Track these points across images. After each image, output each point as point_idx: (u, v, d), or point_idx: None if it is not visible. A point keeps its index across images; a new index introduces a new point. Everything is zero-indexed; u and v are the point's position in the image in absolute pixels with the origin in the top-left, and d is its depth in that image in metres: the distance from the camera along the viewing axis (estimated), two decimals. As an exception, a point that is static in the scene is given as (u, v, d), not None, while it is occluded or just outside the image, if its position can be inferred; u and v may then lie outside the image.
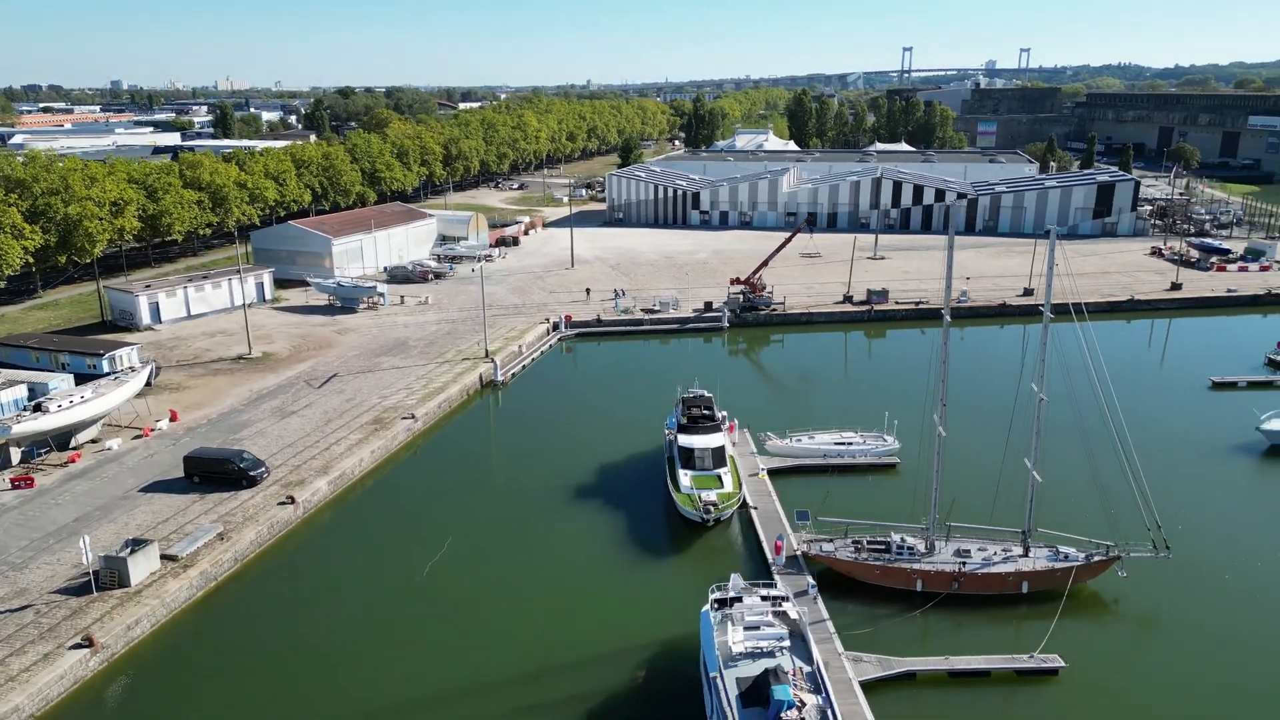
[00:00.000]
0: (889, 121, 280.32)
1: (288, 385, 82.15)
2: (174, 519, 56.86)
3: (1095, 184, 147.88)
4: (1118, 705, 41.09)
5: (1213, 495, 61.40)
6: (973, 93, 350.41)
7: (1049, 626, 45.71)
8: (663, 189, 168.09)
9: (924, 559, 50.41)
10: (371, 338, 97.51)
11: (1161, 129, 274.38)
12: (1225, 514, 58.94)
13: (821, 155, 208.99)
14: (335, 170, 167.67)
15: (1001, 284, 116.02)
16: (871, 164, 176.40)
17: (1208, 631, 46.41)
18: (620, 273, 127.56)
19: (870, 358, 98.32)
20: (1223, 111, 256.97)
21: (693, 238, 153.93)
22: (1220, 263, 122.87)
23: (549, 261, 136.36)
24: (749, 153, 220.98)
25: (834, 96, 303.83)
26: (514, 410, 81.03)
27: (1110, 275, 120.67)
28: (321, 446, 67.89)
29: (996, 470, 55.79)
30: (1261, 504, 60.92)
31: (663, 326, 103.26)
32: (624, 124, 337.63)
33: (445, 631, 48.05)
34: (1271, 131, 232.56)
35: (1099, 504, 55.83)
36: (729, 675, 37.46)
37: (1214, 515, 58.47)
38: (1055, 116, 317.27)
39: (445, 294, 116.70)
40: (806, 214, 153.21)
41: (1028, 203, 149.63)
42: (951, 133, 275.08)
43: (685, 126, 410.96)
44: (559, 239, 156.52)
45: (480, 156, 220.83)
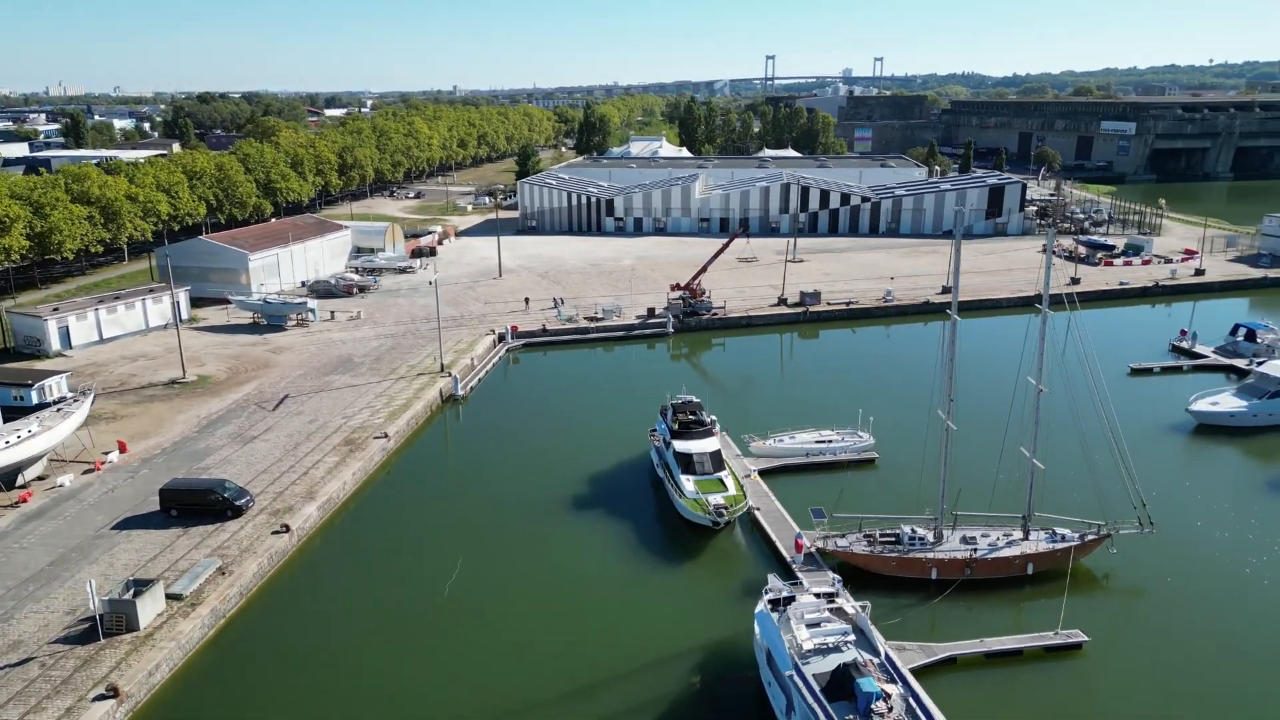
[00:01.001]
0: (775, 128, 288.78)
1: (237, 409, 78.38)
2: (162, 556, 53.64)
3: (987, 186, 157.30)
4: (1142, 674, 44.51)
5: (1162, 473, 66.60)
6: (848, 100, 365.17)
7: (1061, 604, 48.88)
8: (576, 196, 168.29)
9: (935, 548, 52.99)
10: (311, 355, 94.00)
11: (1021, 134, 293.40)
12: (1179, 489, 64.24)
13: (721, 162, 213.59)
14: (230, 181, 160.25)
15: (919, 283, 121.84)
16: (775, 170, 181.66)
17: (1199, 598, 50.70)
18: (551, 281, 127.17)
19: (815, 358, 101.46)
20: (1077, 118, 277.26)
21: (612, 244, 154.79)
22: (1107, 258, 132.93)
23: (474, 272, 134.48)
24: (649, 159, 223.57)
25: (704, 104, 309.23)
26: (480, 424, 79.89)
27: (1013, 272, 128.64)
28: (299, 471, 65.27)
29: (985, 459, 59.15)
30: (1208, 478, 66.57)
31: (609, 334, 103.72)
32: (512, 130, 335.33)
33: (479, 652, 47.24)
34: (1122, 136, 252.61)
35: (1073, 486, 60.17)
36: (807, 672, 38.55)
37: (1169, 491, 63.62)
38: (925, 123, 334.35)
39: (376, 308, 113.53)
40: (741, 220, 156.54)
41: (926, 205, 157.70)
42: (832, 138, 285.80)
43: (570, 133, 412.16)
44: (476, 248, 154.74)
45: (375, 165, 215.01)
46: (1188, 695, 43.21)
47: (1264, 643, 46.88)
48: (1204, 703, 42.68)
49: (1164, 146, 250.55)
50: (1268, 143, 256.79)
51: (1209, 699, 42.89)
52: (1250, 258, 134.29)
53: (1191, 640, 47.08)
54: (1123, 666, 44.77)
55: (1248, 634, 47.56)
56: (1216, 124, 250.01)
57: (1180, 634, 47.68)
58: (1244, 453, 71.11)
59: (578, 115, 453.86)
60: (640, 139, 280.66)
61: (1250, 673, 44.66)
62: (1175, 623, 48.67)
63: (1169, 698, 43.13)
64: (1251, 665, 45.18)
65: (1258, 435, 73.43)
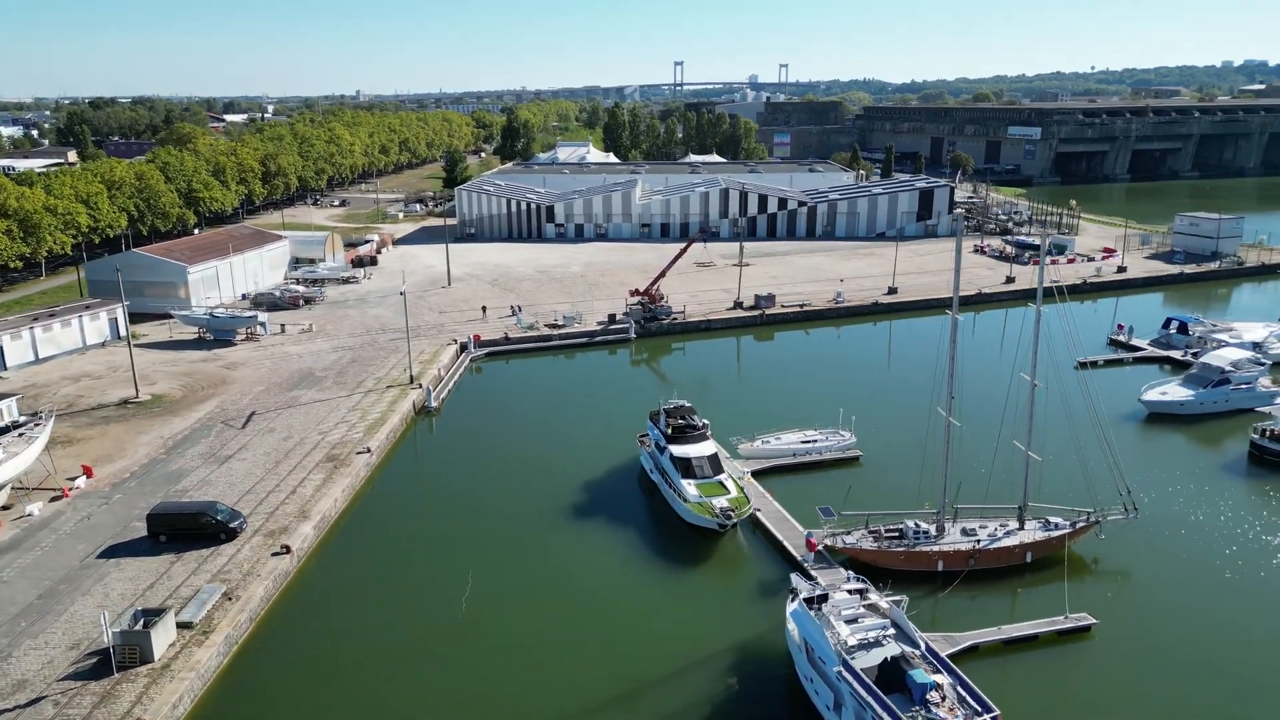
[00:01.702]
0: (698, 134, 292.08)
1: (203, 428, 75.54)
2: (160, 584, 51.47)
3: (917, 190, 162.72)
4: (1151, 652, 47.03)
5: (1126, 459, 70.04)
6: (766, 106, 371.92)
7: (1062, 589, 51.28)
8: (515, 203, 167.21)
9: (938, 541, 54.87)
10: (269, 371, 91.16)
11: (933, 139, 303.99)
12: (1146, 474, 67.79)
13: (652, 168, 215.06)
14: (151, 191, 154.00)
15: (864, 284, 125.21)
16: (712, 176, 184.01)
17: (1189, 577, 53.91)
18: (502, 289, 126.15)
19: (778, 359, 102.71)
20: (986, 123, 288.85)
21: (557, 251, 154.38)
22: (1035, 257, 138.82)
23: (421, 280, 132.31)
24: (580, 165, 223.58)
25: (629, 110, 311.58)
26: (457, 435, 78.83)
27: (950, 273, 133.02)
28: (286, 490, 63.39)
29: (969, 452, 61.50)
30: (1170, 463, 70.34)
31: (571, 341, 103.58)
32: (433, 136, 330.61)
33: (506, 668, 46.83)
34: (1028, 140, 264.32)
35: (1049, 475, 63.05)
36: (856, 667, 39.57)
37: (1137, 476, 67.07)
38: (840, 128, 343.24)
39: (326, 320, 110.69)
40: (700, 226, 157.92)
41: (860, 208, 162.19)
42: (754, 144, 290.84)
43: (489, 139, 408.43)
44: (418, 256, 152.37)
45: (298, 172, 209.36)
46: (1194, 669, 45.89)
47: (1254, 615, 50.06)
48: (1209, 673, 45.37)
49: (1067, 150, 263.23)
50: (1160, 145, 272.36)
51: (1213, 670, 45.61)
52: (1165, 255, 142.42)
53: (1190, 617, 49.97)
54: (1131, 645, 47.25)
55: (1239, 608, 50.71)
56: (1114, 128, 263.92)
57: (1178, 611, 50.53)
58: (1196, 438, 75.52)
59: (497, 120, 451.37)
60: (567, 144, 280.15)
61: (1243, 640, 47.70)
62: (1173, 601, 51.53)
63: (1177, 672, 45.74)
64: (1244, 633, 48.25)
65: (1204, 421, 78.10)
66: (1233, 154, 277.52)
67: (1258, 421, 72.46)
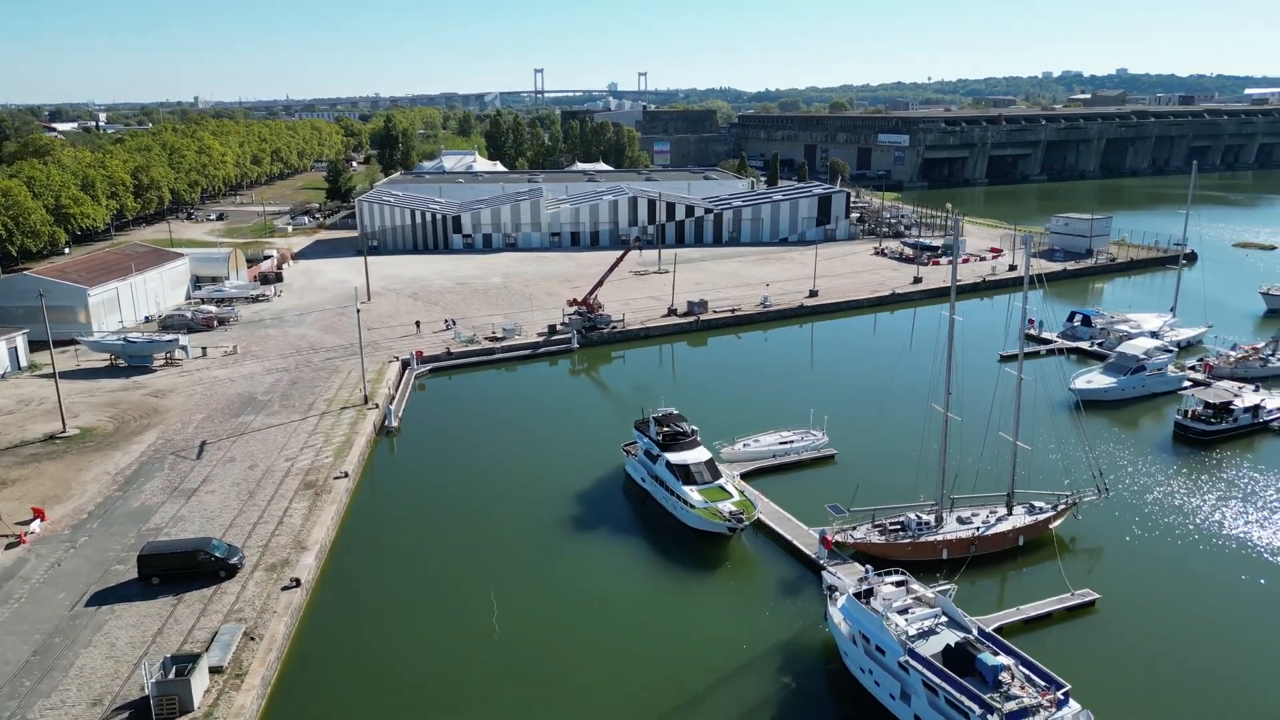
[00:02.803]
0: (582, 142, 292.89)
1: (152, 461, 70.86)
2: (169, 629, 48.26)
3: (816, 196, 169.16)
4: (1153, 620, 51.12)
5: (1068, 445, 75.72)
6: (644, 115, 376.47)
7: (1058, 568, 55.16)
8: (420, 214, 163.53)
9: (939, 531, 57.85)
10: (204, 397, 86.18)
11: (807, 146, 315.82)
12: (1098, 457, 73.35)
13: (549, 176, 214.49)
14: (19, 208, 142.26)
15: (785, 288, 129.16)
16: (615, 184, 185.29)
17: (1168, 551, 58.76)
18: (426, 302, 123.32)
19: (726, 363, 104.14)
20: (857, 131, 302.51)
21: (470, 262, 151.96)
22: (934, 258, 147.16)
23: (335, 296, 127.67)
24: (474, 174, 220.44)
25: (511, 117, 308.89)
26: (426, 454, 76.91)
27: (860, 275, 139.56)
28: (271, 520, 60.41)
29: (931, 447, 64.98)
30: (1104, 446, 76.24)
31: (515, 353, 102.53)
32: (303, 145, 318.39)
33: (554, 685, 46.45)
34: (897, 147, 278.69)
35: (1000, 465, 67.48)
36: (924, 653, 41.50)
37: (1078, 460, 72.59)
38: (717, 136, 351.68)
39: (249, 341, 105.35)
40: (635, 233, 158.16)
41: (764, 214, 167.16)
42: (638, 152, 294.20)
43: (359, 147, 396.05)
44: (323, 271, 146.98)
45: (171, 185, 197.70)
46: (1194, 627, 50.27)
47: (1231, 571, 55.29)
48: (1209, 629, 49.84)
49: (932, 156, 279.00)
50: (1012, 151, 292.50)
51: (1212, 625, 50.16)
52: (1045, 253, 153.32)
53: (1177, 582, 54.76)
54: (1133, 614, 51.29)
55: (1218, 570, 55.99)
56: (973, 136, 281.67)
57: (1165, 579, 55.22)
58: (1123, 422, 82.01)
59: (365, 128, 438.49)
60: (452, 153, 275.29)
61: (1227, 596, 52.69)
62: (1156, 571, 56.22)
63: (1182, 633, 49.90)
64: (1227, 590, 53.30)
65: (1127, 405, 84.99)
66: (1075, 159, 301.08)
67: (1179, 405, 79.62)
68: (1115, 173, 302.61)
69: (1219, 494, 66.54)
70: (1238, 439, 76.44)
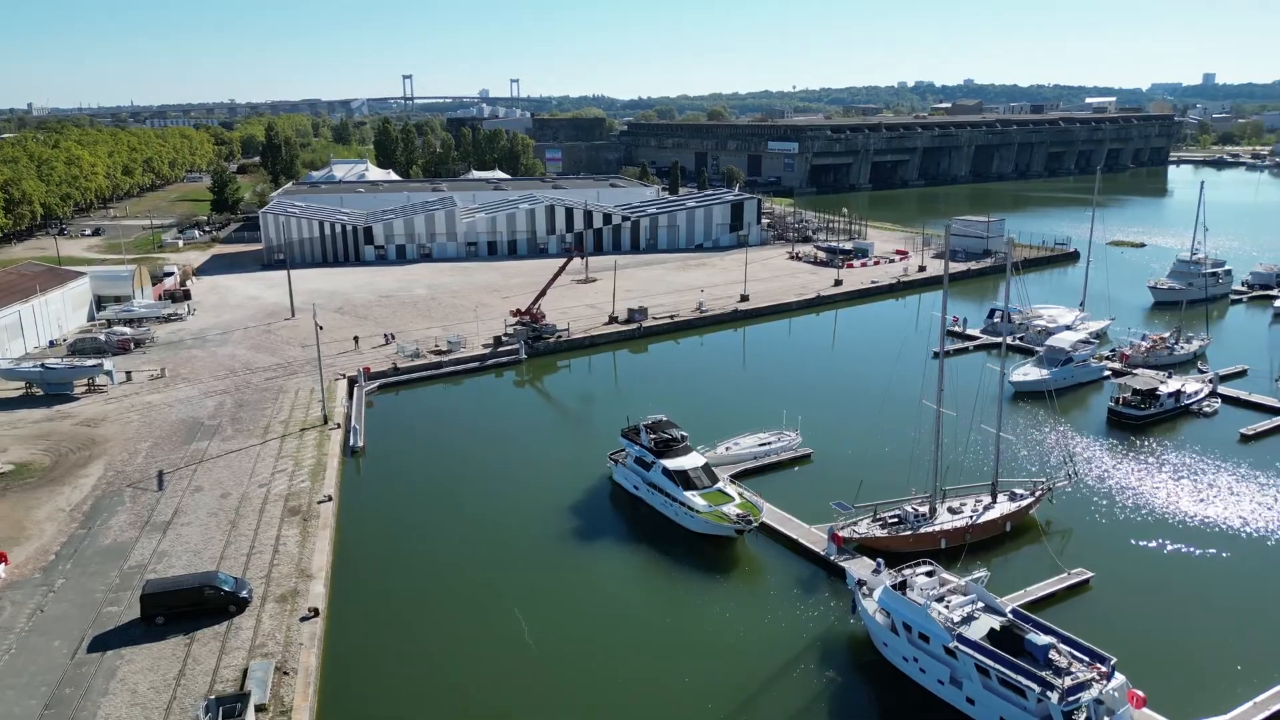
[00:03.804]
0: (475, 150, 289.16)
1: (107, 495, 66.37)
2: (191, 670, 45.53)
3: (729, 203, 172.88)
4: (1144, 592, 55.09)
5: (1017, 434, 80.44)
6: (534, 122, 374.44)
7: (1047, 550, 58.88)
8: (329, 225, 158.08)
9: (934, 521, 60.61)
10: (142, 425, 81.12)
11: (698, 154, 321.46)
12: (1037, 445, 78.21)
13: (453, 185, 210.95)
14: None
15: (714, 294, 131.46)
16: (528, 192, 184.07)
17: (1132, 524, 63.27)
18: (354, 317, 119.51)
19: (677, 367, 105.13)
20: (747, 139, 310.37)
21: (389, 274, 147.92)
22: (848, 261, 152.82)
23: (255, 313, 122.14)
24: (374, 184, 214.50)
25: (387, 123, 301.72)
26: (399, 472, 74.68)
27: (781, 279, 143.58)
28: (264, 549, 57.67)
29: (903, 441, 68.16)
30: (1055, 435, 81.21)
31: (463, 366, 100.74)
32: (174, 155, 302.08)
33: (597, 695, 46.56)
34: (787, 154, 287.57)
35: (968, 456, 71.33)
36: (972, 637, 43.62)
37: (1030, 447, 77.40)
38: (607, 143, 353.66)
39: (174, 364, 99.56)
40: (574, 242, 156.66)
41: (679, 221, 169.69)
42: (532, 159, 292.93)
43: (230, 156, 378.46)
44: (232, 287, 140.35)
45: (42, 198, 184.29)
46: (1183, 595, 54.49)
47: (1197, 548, 60.09)
48: (1197, 594, 54.16)
49: (820, 163, 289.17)
50: (893, 158, 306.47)
51: (1199, 589, 54.52)
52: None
53: (1155, 554, 59.05)
54: (1126, 589, 55.14)
55: (1187, 545, 60.59)
56: (857, 143, 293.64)
57: (1145, 553, 59.44)
58: (1060, 410, 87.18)
59: (234, 135, 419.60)
60: (342, 161, 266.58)
61: (1204, 568, 57.35)
62: (1134, 545, 60.39)
63: (1175, 603, 53.92)
64: (1201, 563, 57.98)
65: (1062, 395, 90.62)
66: (948, 164, 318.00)
67: (1113, 392, 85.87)
68: (984, 177, 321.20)
69: (1166, 473, 72.09)
70: (1164, 422, 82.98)
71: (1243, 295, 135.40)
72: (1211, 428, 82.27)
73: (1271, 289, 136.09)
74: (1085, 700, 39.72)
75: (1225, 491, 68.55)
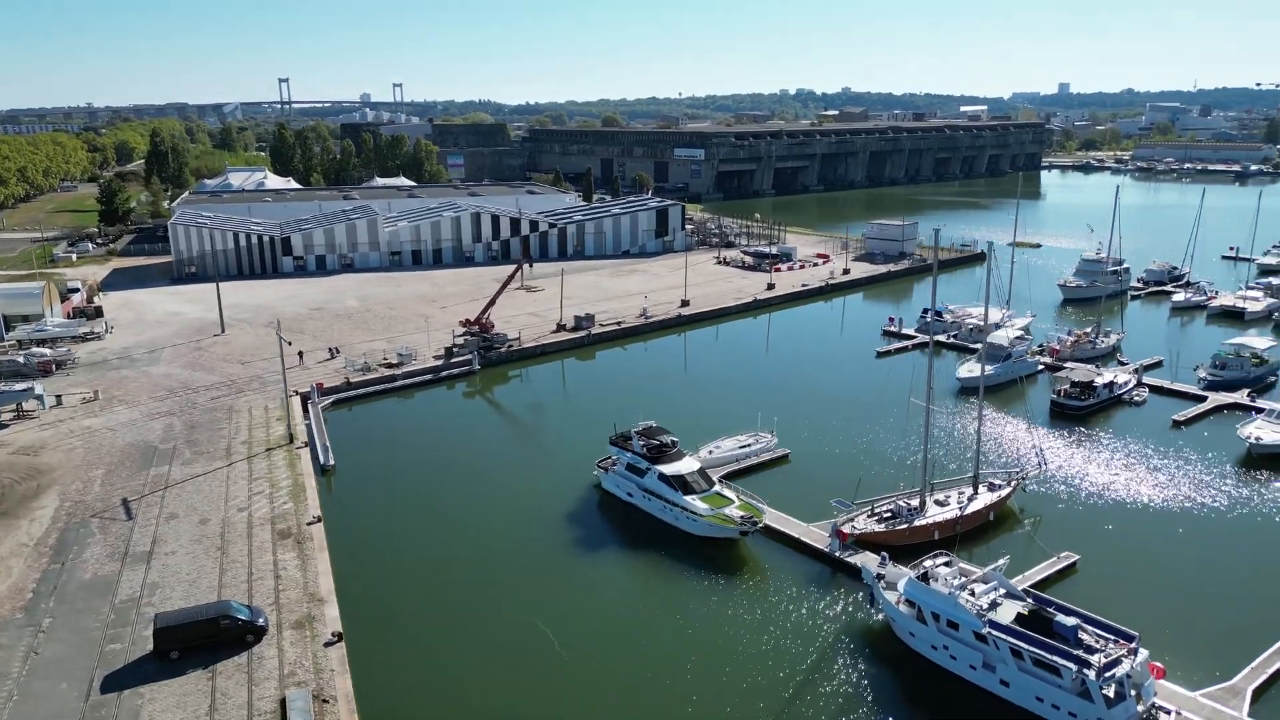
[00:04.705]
0: (378, 157, 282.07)
1: (73, 528, 62.37)
2: (222, 705, 43.49)
3: (654, 210, 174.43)
4: (1129, 569, 58.83)
5: (971, 427, 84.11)
6: (433, 129, 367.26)
7: (1030, 536, 62.25)
8: (244, 236, 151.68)
9: (925, 514, 63.13)
10: (88, 452, 76.36)
11: (603, 160, 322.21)
12: (999, 439, 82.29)
13: (364, 192, 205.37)
14: None
15: (655, 299, 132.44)
16: (449, 200, 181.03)
17: (1103, 513, 67.20)
18: (289, 331, 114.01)
19: (625, 373, 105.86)
20: (653, 145, 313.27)
21: (314, 286, 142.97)
22: (775, 265, 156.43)
23: (180, 330, 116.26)
24: (280, 192, 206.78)
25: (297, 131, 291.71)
26: (376, 489, 72.58)
27: (714, 284, 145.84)
28: (266, 575, 55.41)
29: (873, 437, 71.06)
30: (1003, 427, 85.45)
31: (417, 379, 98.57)
32: (47, 163, 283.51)
33: (638, 699, 46.91)
34: (694, 161, 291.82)
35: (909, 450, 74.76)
36: (1007, 619, 45.83)
37: (989, 441, 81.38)
38: (510, 150, 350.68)
39: (107, 385, 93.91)
40: (523, 251, 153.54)
41: (606, 228, 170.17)
42: (436, 166, 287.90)
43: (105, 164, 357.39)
44: (147, 303, 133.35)
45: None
46: (1164, 568, 58.58)
47: (1164, 527, 64.52)
48: (1176, 568, 58.28)
49: (725, 169, 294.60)
50: (794, 164, 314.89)
51: (1178, 562, 58.73)
52: (866, 256, 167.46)
53: (1138, 540, 62.90)
54: (1111, 569, 58.76)
55: (1155, 525, 65.01)
56: (759, 149, 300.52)
57: (1120, 534, 63.35)
58: (1003, 403, 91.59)
59: (106, 141, 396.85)
60: (238, 169, 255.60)
61: (1175, 545, 61.67)
62: (1106, 528, 64.32)
63: (1154, 579, 57.84)
64: (1171, 540, 62.31)
65: (1003, 389, 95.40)
66: (845, 170, 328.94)
67: (1053, 384, 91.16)
68: (878, 182, 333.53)
69: (1119, 459, 76.85)
70: (1101, 411, 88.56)
71: (1140, 291, 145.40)
72: (1144, 415, 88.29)
73: (1165, 284, 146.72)
74: (1120, 675, 42.35)
75: (1175, 474, 73.76)
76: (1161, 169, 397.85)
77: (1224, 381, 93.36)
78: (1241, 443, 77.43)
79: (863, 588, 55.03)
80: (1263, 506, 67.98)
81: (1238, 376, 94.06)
